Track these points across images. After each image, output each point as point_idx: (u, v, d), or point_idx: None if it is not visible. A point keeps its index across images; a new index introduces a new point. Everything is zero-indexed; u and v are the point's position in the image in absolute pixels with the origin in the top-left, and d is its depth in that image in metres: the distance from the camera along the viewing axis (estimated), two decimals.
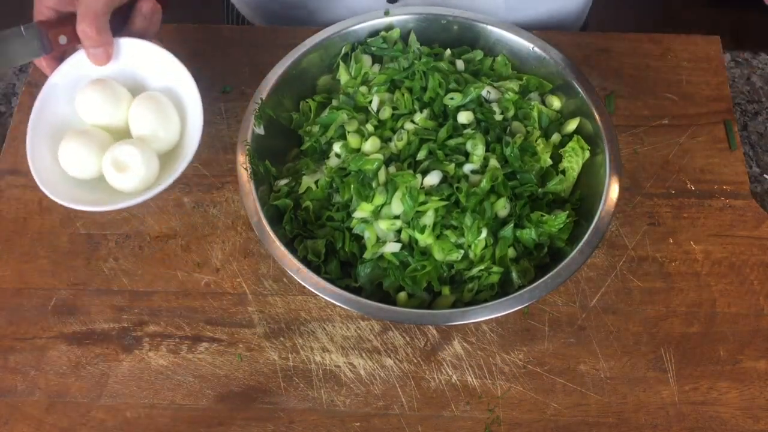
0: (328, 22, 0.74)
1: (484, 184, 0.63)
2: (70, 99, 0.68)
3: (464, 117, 0.68)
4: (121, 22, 0.68)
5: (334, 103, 0.72)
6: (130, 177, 0.64)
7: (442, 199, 0.63)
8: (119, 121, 0.68)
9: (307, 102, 0.73)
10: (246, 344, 0.67)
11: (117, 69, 0.69)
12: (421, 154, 0.66)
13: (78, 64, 0.68)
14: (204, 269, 0.70)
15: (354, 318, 0.68)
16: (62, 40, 0.66)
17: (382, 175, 0.64)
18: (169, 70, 0.69)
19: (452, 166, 0.64)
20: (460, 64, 0.73)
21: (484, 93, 0.69)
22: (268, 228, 0.63)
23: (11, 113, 0.81)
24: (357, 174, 0.65)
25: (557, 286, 0.61)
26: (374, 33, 0.75)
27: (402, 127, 0.68)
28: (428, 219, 0.63)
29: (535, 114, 0.69)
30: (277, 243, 0.62)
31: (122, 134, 0.68)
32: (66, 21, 0.66)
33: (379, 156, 0.65)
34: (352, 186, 0.64)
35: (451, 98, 0.69)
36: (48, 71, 0.68)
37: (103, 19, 0.64)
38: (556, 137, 0.70)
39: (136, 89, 0.69)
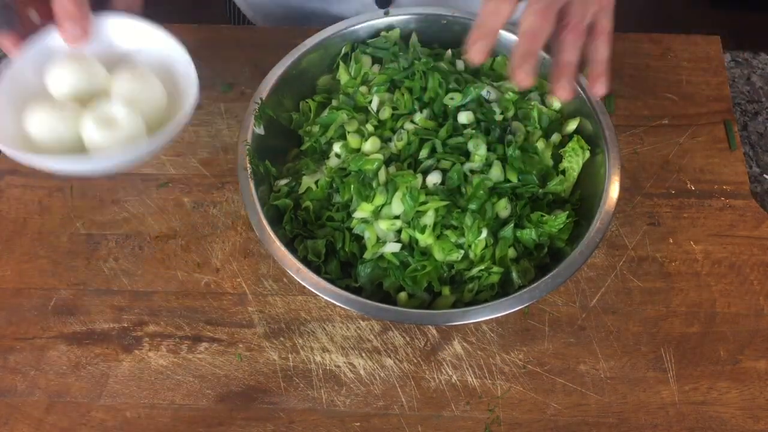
0: (329, 21, 0.75)
1: (488, 182, 0.64)
2: (39, 74, 0.60)
3: (464, 117, 0.68)
4: (99, 6, 0.61)
5: (334, 103, 0.72)
6: (116, 134, 0.57)
7: (442, 199, 0.63)
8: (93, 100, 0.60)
9: (307, 102, 0.73)
10: (246, 344, 0.67)
11: (96, 49, 0.61)
12: (423, 153, 0.66)
13: (51, 40, 0.60)
14: (204, 269, 0.70)
15: (354, 318, 0.68)
16: (33, 15, 0.58)
17: (382, 175, 0.64)
18: (156, 43, 0.62)
19: (456, 165, 0.64)
20: (460, 64, 0.73)
21: (484, 93, 0.69)
22: (268, 228, 0.63)
23: None
24: (357, 174, 0.65)
25: (557, 286, 0.61)
26: (374, 33, 0.75)
27: (402, 127, 0.68)
28: (428, 219, 0.63)
29: (535, 114, 0.69)
30: (277, 243, 0.62)
31: None
32: None
33: (379, 156, 0.65)
34: (352, 186, 0.64)
35: (451, 98, 0.69)
36: (12, 50, 0.59)
37: None
38: (556, 137, 0.70)
39: (117, 68, 0.62)
